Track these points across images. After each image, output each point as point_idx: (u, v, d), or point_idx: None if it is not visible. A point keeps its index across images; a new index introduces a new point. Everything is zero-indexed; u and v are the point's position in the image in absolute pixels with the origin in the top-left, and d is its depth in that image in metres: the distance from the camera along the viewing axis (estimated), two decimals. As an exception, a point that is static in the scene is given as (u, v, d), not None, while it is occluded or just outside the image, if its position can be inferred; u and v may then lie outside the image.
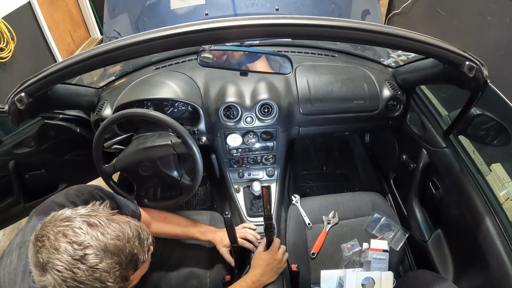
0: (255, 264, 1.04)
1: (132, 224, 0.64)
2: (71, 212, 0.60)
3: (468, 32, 2.40)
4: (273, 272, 1.03)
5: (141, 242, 0.63)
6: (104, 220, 0.59)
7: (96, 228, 0.58)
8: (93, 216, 0.59)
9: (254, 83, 1.32)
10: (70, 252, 0.54)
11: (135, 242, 0.61)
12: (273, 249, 1.06)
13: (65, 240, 0.55)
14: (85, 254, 0.55)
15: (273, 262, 1.03)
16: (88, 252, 0.55)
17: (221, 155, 1.40)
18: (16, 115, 0.92)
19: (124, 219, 0.64)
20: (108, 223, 0.59)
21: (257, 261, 1.05)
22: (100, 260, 0.56)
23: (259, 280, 1.00)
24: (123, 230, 0.61)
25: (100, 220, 0.59)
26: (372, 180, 1.84)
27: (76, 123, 1.38)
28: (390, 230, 1.27)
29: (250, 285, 0.99)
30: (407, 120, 1.38)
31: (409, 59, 1.37)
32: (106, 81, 1.49)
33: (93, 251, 0.55)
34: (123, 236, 0.59)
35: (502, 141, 1.08)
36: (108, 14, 1.59)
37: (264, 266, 1.02)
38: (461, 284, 1.07)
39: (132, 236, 0.61)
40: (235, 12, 1.46)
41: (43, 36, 2.99)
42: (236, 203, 1.39)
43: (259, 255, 1.06)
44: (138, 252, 0.61)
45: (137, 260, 0.62)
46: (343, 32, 0.75)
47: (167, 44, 0.74)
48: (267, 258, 1.04)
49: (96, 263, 0.55)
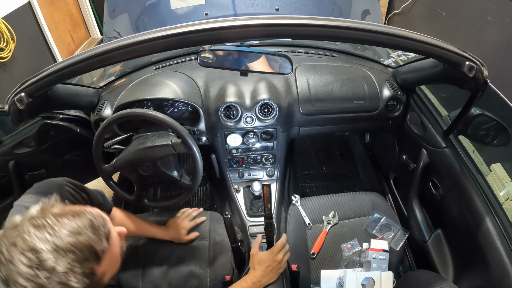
0: (254, 264, 1.03)
1: (84, 214, 0.60)
2: (20, 217, 0.57)
3: (468, 32, 2.40)
4: (273, 272, 1.02)
5: (95, 231, 0.59)
6: (52, 219, 0.56)
7: (44, 229, 0.54)
8: (40, 217, 0.56)
9: (254, 83, 1.32)
10: (24, 262, 0.52)
11: (88, 233, 0.57)
12: (274, 250, 1.04)
13: (17, 251, 0.52)
14: (39, 260, 0.52)
15: (274, 263, 1.02)
16: (42, 257, 0.52)
17: (221, 155, 1.40)
18: (16, 115, 0.92)
19: (75, 210, 0.60)
20: (56, 221, 0.56)
21: (254, 262, 1.03)
22: (56, 262, 0.52)
23: (259, 281, 0.99)
24: (73, 223, 0.57)
25: (47, 219, 0.56)
26: (372, 180, 1.84)
27: (76, 123, 1.38)
28: (390, 230, 1.27)
29: (251, 286, 0.98)
30: (407, 120, 1.38)
31: (409, 59, 1.37)
32: (106, 81, 1.49)
33: (46, 255, 0.52)
34: (73, 230, 0.56)
35: (502, 141, 1.08)
36: (108, 14, 1.60)
37: (265, 267, 1.01)
38: (461, 284, 1.07)
39: (84, 227, 0.57)
40: (235, 12, 1.46)
41: (43, 36, 2.99)
42: (236, 203, 1.39)
43: (258, 255, 1.04)
44: (94, 243, 0.57)
45: (95, 252, 0.58)
46: (343, 32, 0.75)
47: (167, 44, 0.74)
48: (268, 259, 1.02)
49: (52, 267, 0.52)
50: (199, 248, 1.22)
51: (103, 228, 0.60)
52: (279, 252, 1.04)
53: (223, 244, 1.21)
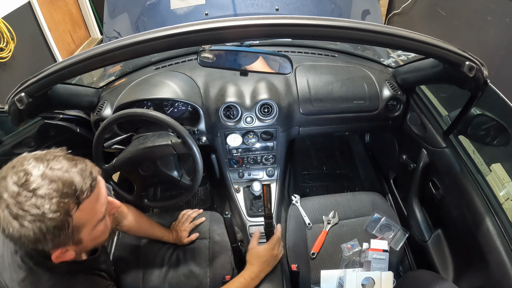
0: (251, 259, 1.03)
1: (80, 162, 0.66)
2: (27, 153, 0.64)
3: (468, 32, 2.40)
4: (269, 266, 1.04)
5: (81, 173, 0.63)
6: (51, 156, 0.63)
7: (41, 161, 0.62)
8: (42, 154, 0.64)
9: (254, 83, 1.32)
10: (14, 180, 0.58)
11: (75, 174, 0.62)
12: (271, 245, 1.05)
13: (12, 171, 0.60)
14: (26, 181, 0.58)
15: (270, 257, 1.04)
16: (29, 179, 0.59)
17: (221, 155, 1.40)
18: (16, 115, 0.92)
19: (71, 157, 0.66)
20: (53, 158, 0.63)
21: (252, 256, 1.04)
22: (39, 186, 0.58)
23: (257, 276, 1.01)
24: (65, 163, 0.63)
25: (48, 155, 0.63)
26: (372, 180, 1.84)
27: (76, 123, 1.38)
28: (390, 230, 1.27)
29: (249, 282, 0.99)
30: (407, 120, 1.38)
31: (409, 59, 1.37)
32: (106, 81, 1.49)
33: (33, 178, 0.59)
34: (64, 168, 0.62)
35: (502, 141, 1.08)
36: (108, 14, 1.60)
37: (262, 262, 1.02)
38: (461, 284, 1.07)
39: (73, 170, 0.63)
40: (235, 12, 1.46)
41: (43, 36, 2.99)
42: (236, 203, 1.39)
43: (255, 250, 1.05)
44: (76, 183, 0.62)
45: (75, 191, 0.61)
46: (343, 32, 0.75)
47: (167, 44, 0.74)
48: (265, 254, 1.03)
49: (34, 189, 0.58)
50: (199, 248, 1.22)
51: (89, 178, 0.65)
52: (275, 246, 1.05)
53: (223, 244, 1.22)
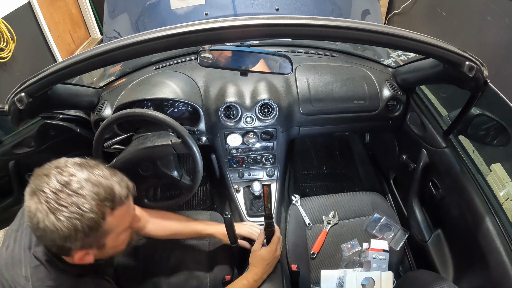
0: (254, 262, 1.04)
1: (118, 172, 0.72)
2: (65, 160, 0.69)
3: (468, 32, 2.40)
4: (271, 267, 1.05)
5: (120, 183, 0.70)
6: (93, 164, 0.69)
7: (84, 166, 0.67)
8: (84, 161, 0.69)
9: (254, 83, 1.32)
10: (58, 178, 0.63)
11: (115, 182, 0.69)
12: (273, 247, 1.06)
13: (56, 170, 0.65)
14: (70, 181, 0.63)
15: (273, 259, 1.05)
16: (73, 179, 0.64)
17: (221, 155, 1.40)
18: (16, 115, 0.92)
19: (111, 169, 0.72)
20: (95, 166, 0.69)
21: (256, 259, 1.04)
22: (81, 187, 0.63)
23: (260, 278, 1.02)
24: (106, 171, 0.69)
25: (89, 162, 0.70)
26: (372, 180, 1.84)
27: (76, 123, 1.38)
28: (390, 230, 1.27)
29: (252, 284, 1.00)
30: (407, 120, 1.38)
31: (409, 59, 1.37)
32: (106, 81, 1.49)
33: (77, 179, 0.64)
34: (104, 174, 0.68)
35: (502, 141, 1.08)
36: (108, 14, 1.60)
37: (266, 265, 1.03)
38: (461, 284, 1.07)
39: (113, 177, 0.69)
40: (235, 12, 1.46)
41: (43, 36, 2.99)
42: (236, 203, 1.39)
43: (259, 253, 1.05)
44: (116, 190, 0.68)
45: (114, 197, 0.67)
46: (343, 32, 0.75)
47: (167, 44, 0.74)
48: (267, 257, 1.04)
49: (77, 188, 0.63)
50: (199, 248, 1.22)
51: (127, 186, 0.72)
52: (276, 247, 1.06)
53: (223, 244, 1.21)
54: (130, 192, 0.73)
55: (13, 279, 0.70)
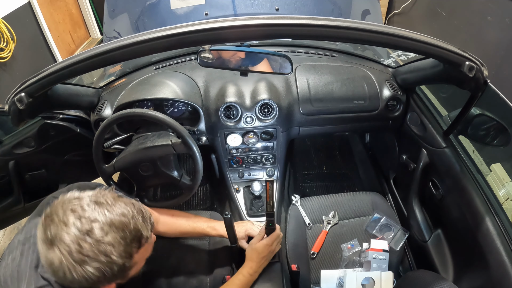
0: (250, 255, 1.04)
1: (136, 204, 0.67)
2: (79, 193, 0.64)
3: (468, 32, 2.40)
4: (267, 261, 1.06)
5: (144, 219, 0.66)
6: (111, 199, 0.63)
7: (103, 206, 0.61)
8: (100, 197, 0.63)
9: (254, 83, 1.32)
10: (77, 226, 0.57)
11: (139, 219, 0.64)
12: (269, 241, 1.05)
13: (74, 215, 0.58)
14: (92, 228, 0.58)
15: (268, 253, 1.05)
16: (95, 226, 0.58)
17: (221, 155, 1.40)
18: (16, 115, 0.92)
19: (128, 200, 0.67)
20: (114, 202, 0.63)
21: (252, 252, 1.04)
22: (106, 234, 0.58)
23: (256, 271, 1.02)
24: (128, 208, 0.64)
25: (107, 199, 0.63)
26: (372, 180, 1.84)
27: (76, 123, 1.38)
28: (390, 230, 1.27)
29: (248, 278, 1.00)
30: (407, 120, 1.38)
31: (409, 59, 1.37)
32: (106, 81, 1.49)
33: (100, 225, 0.59)
34: (127, 213, 0.63)
35: (502, 141, 1.08)
36: (108, 14, 1.60)
37: (261, 258, 1.03)
38: (461, 284, 1.07)
39: (137, 214, 0.64)
40: (235, 12, 1.46)
41: (43, 36, 2.98)
42: (236, 203, 1.39)
43: (255, 246, 1.05)
44: (141, 228, 0.64)
45: (140, 237, 0.64)
46: (343, 32, 0.75)
47: (167, 44, 0.74)
48: (262, 250, 1.03)
49: (101, 236, 0.58)
50: (199, 248, 1.22)
51: (150, 220, 0.68)
52: (273, 242, 1.06)
53: (223, 244, 1.21)
54: (152, 225, 0.69)
55: None
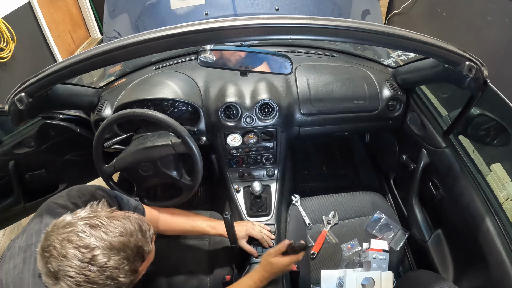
0: (266, 265, 1.00)
1: (132, 218, 0.65)
2: (71, 217, 0.61)
3: (468, 32, 2.40)
4: (278, 275, 1.03)
5: (143, 234, 0.65)
6: (105, 219, 0.61)
7: (99, 229, 0.59)
8: (93, 218, 0.61)
9: (254, 83, 1.32)
10: (78, 257, 0.56)
11: (138, 234, 0.63)
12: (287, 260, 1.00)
13: (71, 246, 0.57)
14: (93, 256, 0.57)
15: (282, 271, 1.01)
16: (95, 253, 0.57)
17: (221, 155, 1.40)
18: (16, 115, 0.92)
19: (124, 214, 0.65)
20: (109, 222, 0.61)
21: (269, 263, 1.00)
22: (108, 258, 0.58)
23: (266, 279, 1.00)
24: (125, 225, 0.62)
25: (101, 220, 0.61)
26: (372, 180, 1.84)
27: (76, 123, 1.38)
28: (390, 230, 1.27)
29: (258, 285, 0.99)
30: (407, 120, 1.38)
31: (409, 59, 1.37)
32: (106, 81, 1.49)
33: (100, 251, 0.58)
34: (125, 231, 0.61)
35: (502, 141, 1.08)
36: (108, 14, 1.60)
37: (273, 272, 1.00)
38: (461, 284, 1.07)
39: (135, 230, 0.63)
40: (235, 12, 1.46)
41: (43, 36, 2.98)
42: (236, 203, 1.39)
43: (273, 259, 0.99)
44: (142, 244, 0.64)
45: (142, 252, 0.64)
46: (343, 32, 0.75)
47: (167, 44, 0.74)
48: (279, 266, 0.99)
49: (105, 262, 0.57)
50: (199, 248, 1.22)
51: (149, 232, 0.66)
52: (291, 263, 1.01)
53: (223, 244, 1.21)
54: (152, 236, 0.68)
55: None
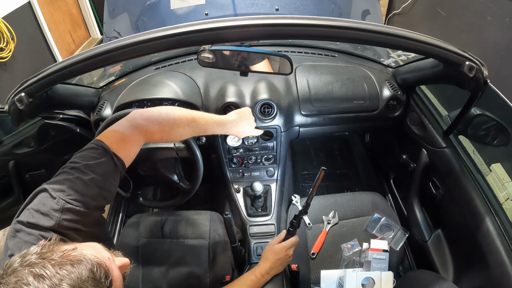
0: (268, 255, 1.02)
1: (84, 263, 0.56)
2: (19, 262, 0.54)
3: (468, 32, 2.40)
4: (281, 265, 1.03)
5: (96, 283, 0.55)
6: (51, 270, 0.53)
7: (43, 281, 0.52)
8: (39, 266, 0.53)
9: (254, 83, 1.32)
10: None
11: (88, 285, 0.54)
12: (288, 244, 1.03)
13: None
14: None
15: (284, 256, 1.02)
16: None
17: (221, 155, 1.40)
18: (16, 115, 0.92)
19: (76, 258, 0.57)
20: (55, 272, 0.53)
21: (269, 252, 1.02)
22: None
23: (267, 273, 1.00)
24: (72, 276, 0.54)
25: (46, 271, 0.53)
26: (372, 180, 1.84)
27: (76, 123, 1.38)
28: (390, 230, 1.27)
29: (260, 279, 0.98)
30: (407, 120, 1.38)
31: (409, 59, 1.37)
32: (106, 81, 1.49)
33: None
34: (74, 283, 0.53)
35: (502, 141, 1.08)
36: (108, 14, 1.60)
37: (275, 259, 1.01)
38: (461, 284, 1.07)
39: (85, 280, 0.54)
40: (235, 12, 1.46)
41: (43, 36, 2.99)
42: (236, 203, 1.39)
43: (274, 247, 1.03)
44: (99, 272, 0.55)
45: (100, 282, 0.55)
46: (343, 32, 0.74)
47: (167, 44, 0.74)
48: (279, 251, 1.02)
49: None
50: (199, 248, 1.22)
51: (104, 280, 0.57)
52: (291, 247, 1.04)
53: (223, 244, 1.21)
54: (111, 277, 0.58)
55: None
